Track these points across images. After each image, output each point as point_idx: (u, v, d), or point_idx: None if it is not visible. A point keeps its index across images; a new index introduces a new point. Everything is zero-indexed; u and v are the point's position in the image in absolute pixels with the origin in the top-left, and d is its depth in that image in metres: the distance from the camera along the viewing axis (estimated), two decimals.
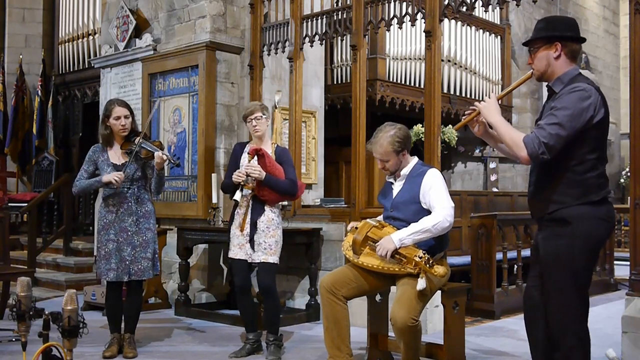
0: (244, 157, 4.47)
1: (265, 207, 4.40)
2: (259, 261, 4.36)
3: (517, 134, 2.84)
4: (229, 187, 4.48)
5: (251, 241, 4.35)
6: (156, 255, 4.56)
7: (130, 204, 4.45)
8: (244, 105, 6.55)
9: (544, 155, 2.73)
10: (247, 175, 4.29)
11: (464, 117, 3.09)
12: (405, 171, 3.74)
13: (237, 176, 4.31)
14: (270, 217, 4.40)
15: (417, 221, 3.53)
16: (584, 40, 2.99)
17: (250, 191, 4.37)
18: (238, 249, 4.42)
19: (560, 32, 2.89)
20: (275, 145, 4.60)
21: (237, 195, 4.33)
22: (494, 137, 3.13)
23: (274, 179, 4.33)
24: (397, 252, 3.48)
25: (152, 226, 4.54)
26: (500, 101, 3.04)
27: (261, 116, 4.45)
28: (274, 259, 4.37)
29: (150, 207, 4.56)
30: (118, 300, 4.57)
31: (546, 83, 3.00)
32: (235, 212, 4.47)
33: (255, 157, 4.31)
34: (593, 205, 2.82)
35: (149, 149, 4.45)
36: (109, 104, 4.54)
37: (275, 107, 6.42)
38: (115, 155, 4.49)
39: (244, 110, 4.58)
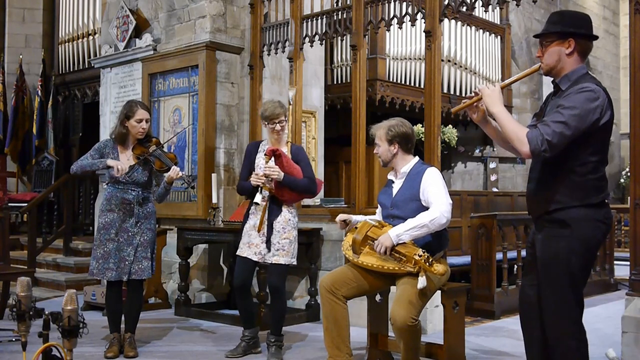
0: (259, 157, 4.44)
1: (283, 208, 4.36)
2: (270, 262, 4.33)
3: (520, 127, 2.78)
4: (245, 189, 4.46)
5: (267, 242, 4.32)
6: (154, 256, 4.57)
7: (132, 205, 4.46)
8: (244, 105, 6.58)
9: (546, 152, 2.70)
10: (265, 177, 4.25)
11: (464, 101, 3.01)
12: (405, 169, 3.76)
13: (256, 179, 4.28)
14: (287, 218, 4.37)
15: None
16: (596, 38, 2.91)
17: (268, 192, 4.33)
18: (247, 247, 4.37)
19: (576, 29, 2.80)
20: (291, 144, 4.52)
21: (258, 198, 4.27)
22: (491, 126, 3.06)
23: (292, 178, 4.29)
24: (396, 251, 3.49)
25: (152, 227, 4.56)
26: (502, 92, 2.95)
27: (284, 120, 4.39)
28: (285, 259, 4.32)
29: (152, 209, 4.58)
30: (118, 299, 4.57)
31: (552, 79, 2.93)
32: (250, 212, 4.42)
33: (273, 158, 4.27)
34: (592, 208, 2.79)
35: (163, 161, 4.44)
36: (131, 104, 4.49)
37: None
38: (125, 156, 4.48)
39: (265, 110, 4.40)
